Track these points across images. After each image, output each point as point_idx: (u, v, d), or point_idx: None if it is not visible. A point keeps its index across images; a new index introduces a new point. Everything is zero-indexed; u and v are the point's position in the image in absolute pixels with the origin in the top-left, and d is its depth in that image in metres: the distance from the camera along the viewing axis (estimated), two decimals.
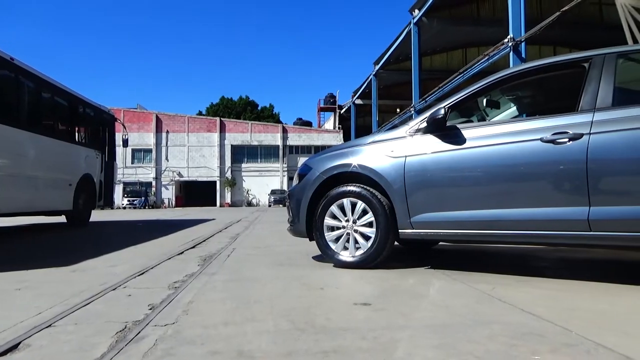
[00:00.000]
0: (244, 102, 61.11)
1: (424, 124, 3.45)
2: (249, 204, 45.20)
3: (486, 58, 14.79)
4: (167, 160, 46.08)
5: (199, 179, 46.49)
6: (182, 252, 4.86)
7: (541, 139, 3.00)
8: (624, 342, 1.79)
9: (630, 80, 3.38)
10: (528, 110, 4.39)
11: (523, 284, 2.99)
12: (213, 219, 12.97)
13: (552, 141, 2.96)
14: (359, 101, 35.51)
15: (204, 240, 6.22)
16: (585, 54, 3.20)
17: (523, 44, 12.72)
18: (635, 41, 7.47)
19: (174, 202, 45.09)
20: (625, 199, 2.79)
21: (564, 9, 11.30)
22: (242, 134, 47.12)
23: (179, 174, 46.07)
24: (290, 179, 42.59)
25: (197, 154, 46.35)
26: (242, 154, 47.26)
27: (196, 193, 46.61)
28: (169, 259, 4.38)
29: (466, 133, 3.30)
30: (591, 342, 1.80)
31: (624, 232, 2.78)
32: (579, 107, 3.02)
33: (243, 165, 47.09)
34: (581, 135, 2.88)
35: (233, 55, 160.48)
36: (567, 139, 2.92)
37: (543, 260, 4.21)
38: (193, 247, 5.41)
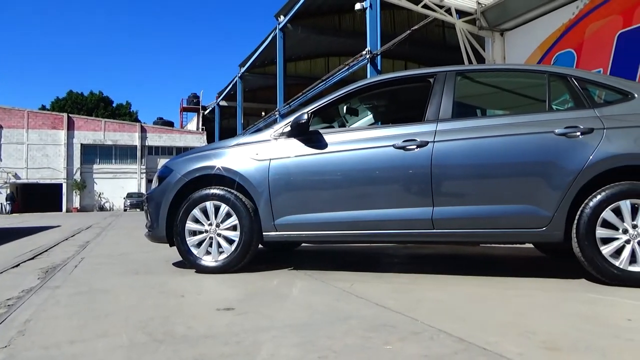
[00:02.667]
0: (97, 97, 55.91)
1: (288, 128, 3.52)
2: (102, 209, 41.48)
3: (346, 68, 15.64)
4: (1, 160, 40.20)
5: (41, 182, 41.31)
6: (18, 265, 4.27)
7: (394, 146, 3.27)
8: (460, 327, 2.03)
9: (466, 95, 3.86)
10: (383, 119, 4.74)
11: (378, 279, 3.22)
12: (58, 226, 11.65)
13: (403, 147, 3.24)
14: (223, 103, 34.94)
15: (46, 250, 5.55)
16: (430, 70, 3.57)
17: (379, 57, 13.73)
18: (470, 62, 8.55)
19: (8, 208, 39.44)
20: (461, 200, 3.18)
21: (413, 28, 12.50)
22: (95, 132, 43.09)
23: (16, 176, 40.47)
24: (149, 181, 40.13)
25: (39, 153, 41.16)
26: (93, 154, 43.15)
27: (37, 197, 41.31)
28: (0, 273, 3.81)
29: (328, 138, 3.45)
30: (434, 329, 2.00)
31: (461, 230, 3.16)
32: (425, 117, 3.36)
33: (95, 166, 43.05)
34: (427, 142, 3.21)
35: (83, 48, 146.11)
36: (415, 146, 3.22)
37: (395, 257, 4.58)
38: (32, 258, 4.78)
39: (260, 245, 3.67)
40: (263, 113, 27.91)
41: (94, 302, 2.68)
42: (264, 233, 3.47)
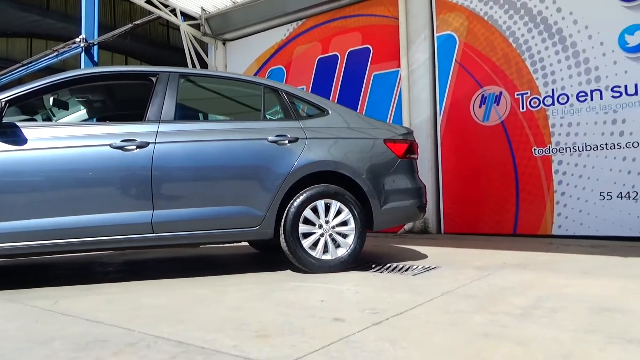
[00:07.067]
0: None
1: None
2: None
3: (55, 54, 13.70)
4: None
5: None
6: None
7: (111, 145, 3.03)
8: (179, 330, 2.02)
9: (189, 98, 3.90)
10: (99, 115, 4.34)
11: (89, 292, 2.92)
12: None
13: (121, 148, 3.04)
14: None
15: None
16: (153, 69, 3.47)
17: (96, 47, 12.55)
18: (194, 66, 8.68)
19: None
20: (182, 203, 3.19)
21: (135, 22, 11.89)
22: None
23: None
24: None
25: None
26: None
27: None
28: None
29: (28, 133, 2.95)
30: (152, 337, 1.93)
31: (180, 232, 3.16)
32: (146, 117, 3.24)
33: None
34: (148, 144, 3.10)
35: None
36: (135, 147, 3.06)
37: (110, 265, 4.25)
38: None
39: None
40: None
41: None
42: None
